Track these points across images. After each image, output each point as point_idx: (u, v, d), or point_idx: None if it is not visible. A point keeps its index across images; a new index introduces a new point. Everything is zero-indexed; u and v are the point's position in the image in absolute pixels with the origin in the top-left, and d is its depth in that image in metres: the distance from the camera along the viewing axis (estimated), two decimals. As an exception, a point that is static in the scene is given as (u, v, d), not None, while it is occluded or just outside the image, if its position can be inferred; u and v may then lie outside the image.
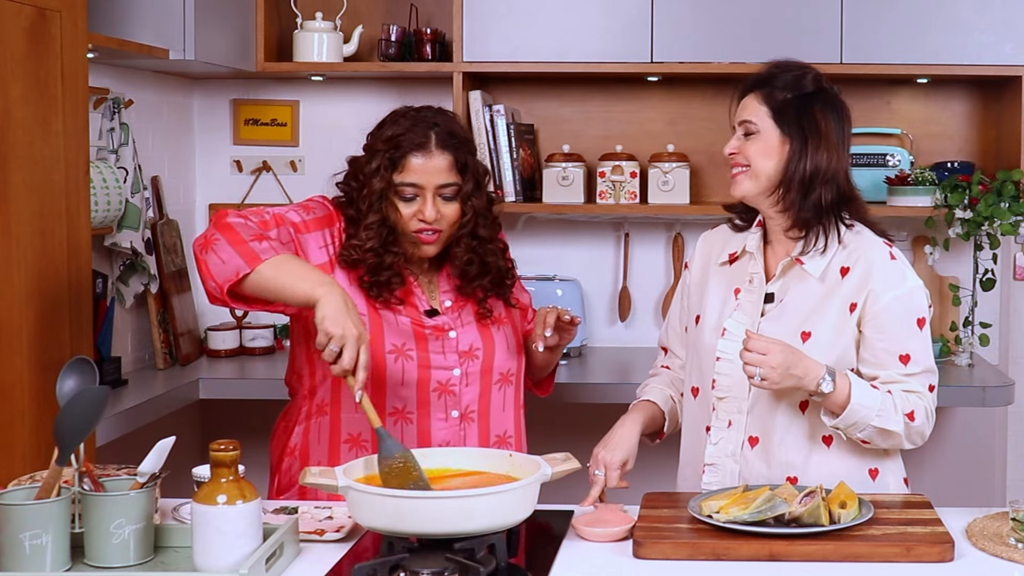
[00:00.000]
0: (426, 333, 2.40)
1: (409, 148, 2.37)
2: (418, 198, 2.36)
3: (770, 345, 2.16)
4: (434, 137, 2.38)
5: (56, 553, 1.85)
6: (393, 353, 2.37)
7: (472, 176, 2.41)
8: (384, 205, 2.37)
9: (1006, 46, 3.74)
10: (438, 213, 2.37)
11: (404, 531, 1.88)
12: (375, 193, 2.37)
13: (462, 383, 2.42)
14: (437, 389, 2.40)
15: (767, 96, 2.32)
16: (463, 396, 2.42)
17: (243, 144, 4.27)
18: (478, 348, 2.43)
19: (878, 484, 2.33)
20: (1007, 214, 3.71)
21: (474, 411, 2.44)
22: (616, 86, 4.14)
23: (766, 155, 2.30)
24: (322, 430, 2.42)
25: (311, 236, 2.38)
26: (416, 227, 2.37)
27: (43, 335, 2.63)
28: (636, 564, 1.96)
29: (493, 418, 2.47)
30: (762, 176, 2.30)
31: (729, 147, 2.34)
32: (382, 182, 2.37)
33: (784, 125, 2.29)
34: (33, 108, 2.60)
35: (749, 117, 2.32)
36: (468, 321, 2.45)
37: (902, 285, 2.29)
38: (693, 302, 2.47)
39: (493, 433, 2.46)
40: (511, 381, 2.49)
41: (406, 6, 4.11)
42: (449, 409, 2.41)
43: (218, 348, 4.04)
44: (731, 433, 2.33)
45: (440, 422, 2.40)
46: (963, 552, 1.99)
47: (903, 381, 2.27)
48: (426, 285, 2.46)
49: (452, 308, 2.45)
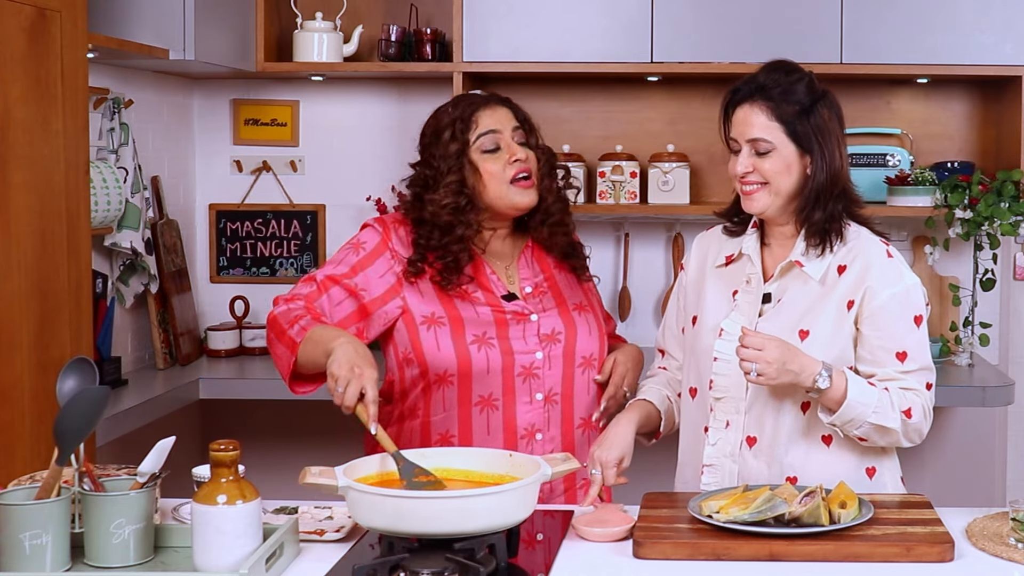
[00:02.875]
0: (507, 319, 2.43)
1: (475, 107, 2.46)
2: (500, 148, 2.43)
3: (766, 341, 2.17)
4: (492, 99, 2.50)
5: (56, 553, 1.85)
6: (475, 343, 2.39)
7: (533, 130, 2.51)
8: (463, 168, 2.42)
9: (1006, 46, 3.74)
10: (525, 154, 2.43)
11: (404, 531, 1.88)
12: (451, 156, 2.43)
13: (545, 366, 2.44)
14: (521, 373, 2.42)
15: (775, 111, 2.27)
16: (546, 379, 2.44)
17: (243, 144, 4.27)
18: (560, 332, 2.46)
19: (875, 483, 2.33)
20: (1007, 214, 3.71)
21: (557, 394, 2.45)
22: (616, 86, 4.14)
23: (786, 173, 2.28)
24: (413, 433, 2.45)
25: (370, 272, 2.42)
26: (510, 174, 2.42)
27: (43, 335, 2.63)
28: (636, 564, 1.96)
29: (577, 401, 2.48)
30: (782, 192, 2.29)
31: (741, 166, 2.28)
32: (457, 144, 2.43)
33: (799, 140, 2.27)
34: (33, 108, 2.60)
35: (761, 135, 2.27)
36: (550, 307, 2.48)
37: (899, 283, 2.29)
38: (690, 303, 2.47)
39: (577, 415, 2.48)
40: (593, 365, 2.50)
41: (406, 6, 4.11)
42: (534, 392, 2.43)
43: (218, 348, 4.04)
44: (729, 433, 2.33)
45: (525, 405, 2.42)
46: (963, 552, 1.99)
47: (900, 379, 2.27)
48: (503, 272, 2.49)
49: (533, 294, 2.48)
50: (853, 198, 2.35)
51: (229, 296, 4.19)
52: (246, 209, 4.28)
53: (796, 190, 2.29)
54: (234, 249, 4.29)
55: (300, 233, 4.29)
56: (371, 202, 4.16)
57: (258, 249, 4.29)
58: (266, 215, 4.28)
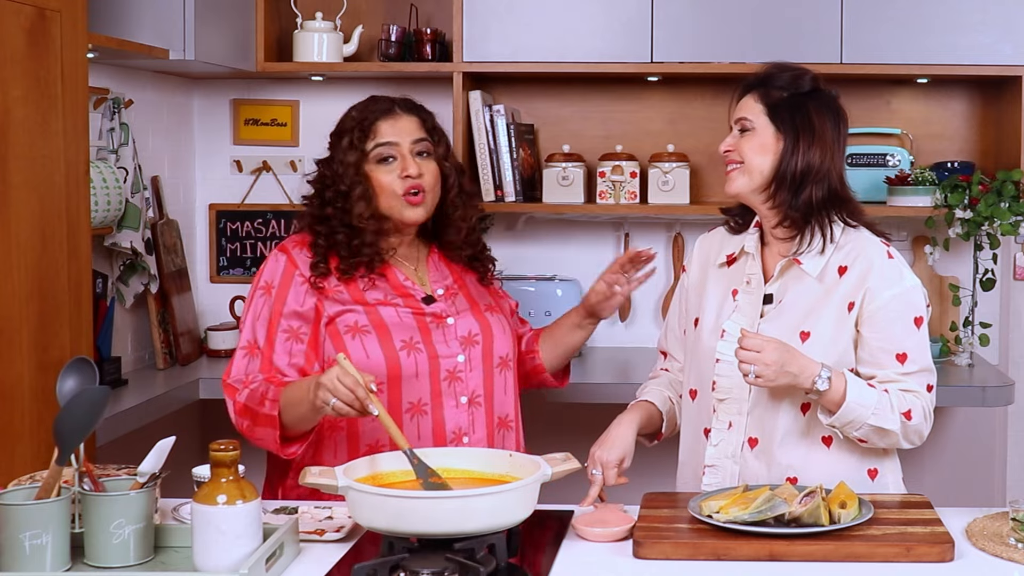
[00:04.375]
0: (427, 323, 2.43)
1: (376, 115, 2.45)
2: (396, 160, 2.42)
3: (765, 343, 2.17)
4: (397, 105, 2.48)
5: (56, 553, 1.85)
6: (404, 348, 2.40)
7: (442, 140, 2.50)
8: (361, 178, 2.42)
9: (1006, 46, 3.74)
10: (419, 169, 2.42)
11: (404, 531, 1.88)
12: (351, 166, 2.42)
13: (467, 369, 2.45)
14: (447, 377, 2.43)
15: (763, 95, 2.34)
16: (469, 381, 2.46)
17: (243, 144, 4.27)
18: (476, 334, 2.48)
19: (877, 484, 2.33)
20: (1007, 214, 3.71)
21: (480, 395, 2.47)
22: (616, 86, 4.14)
23: (760, 152, 2.31)
24: (339, 444, 2.44)
25: (290, 304, 2.40)
26: (401, 188, 2.41)
27: (43, 335, 2.63)
28: (636, 564, 1.96)
29: (496, 401, 2.50)
30: (755, 172, 2.31)
31: (724, 144, 2.36)
32: (355, 153, 2.43)
33: (778, 122, 2.31)
34: (33, 108, 2.60)
35: (745, 115, 2.34)
36: (463, 308, 2.50)
37: (900, 284, 2.29)
38: (691, 304, 2.47)
39: (496, 415, 2.50)
40: (509, 366, 2.53)
41: (406, 6, 4.11)
42: (458, 395, 2.44)
43: (218, 348, 4.03)
44: (731, 435, 2.33)
45: (452, 409, 2.43)
46: (963, 552, 1.99)
47: (900, 380, 2.27)
48: (413, 275, 2.49)
49: (445, 296, 2.49)
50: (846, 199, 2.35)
51: (229, 296, 4.19)
52: (246, 209, 4.28)
53: (770, 173, 2.31)
54: (234, 249, 4.29)
55: (300, 233, 4.28)
56: (371, 202, 4.16)
57: (258, 249, 4.29)
58: (266, 215, 4.28)
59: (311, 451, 2.43)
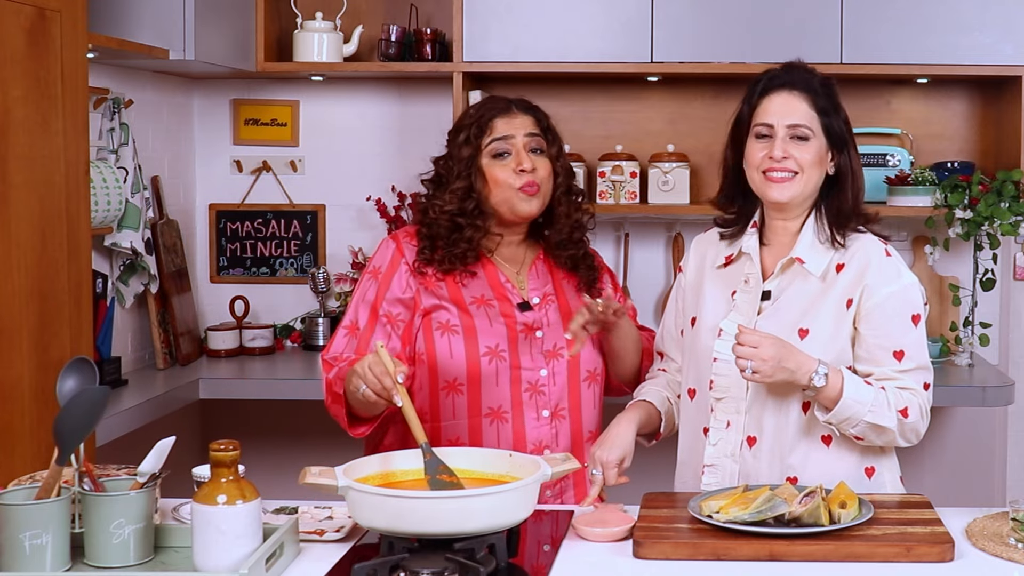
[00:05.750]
0: (518, 331, 2.44)
1: (494, 112, 2.48)
2: (510, 155, 2.44)
3: (761, 339, 2.17)
4: (514, 104, 2.51)
5: (56, 553, 1.85)
6: (487, 355, 2.41)
7: (556, 140, 2.53)
8: (472, 172, 2.44)
9: (1006, 46, 3.74)
10: (533, 164, 2.43)
11: (404, 531, 1.88)
12: (463, 160, 2.45)
13: (550, 383, 2.45)
14: (528, 389, 2.43)
15: (815, 102, 2.30)
16: (552, 395, 2.45)
17: (243, 144, 4.27)
18: (562, 347, 2.47)
19: (875, 483, 2.33)
20: (1007, 214, 3.71)
21: (564, 408, 2.46)
22: (616, 86, 4.14)
23: (819, 164, 2.30)
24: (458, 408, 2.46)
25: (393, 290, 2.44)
26: (517, 182, 2.42)
27: (43, 335, 2.63)
28: (636, 564, 1.96)
29: (585, 415, 2.49)
30: (811, 184, 2.30)
31: (779, 150, 2.27)
32: (470, 148, 2.45)
33: (831, 133, 2.31)
34: (33, 108, 2.60)
35: (803, 122, 2.29)
36: (555, 320, 2.49)
37: (897, 281, 2.29)
38: (688, 304, 2.47)
39: (586, 429, 2.49)
40: (597, 379, 2.52)
41: (406, 6, 4.11)
42: (540, 409, 2.44)
43: (218, 348, 4.04)
44: (729, 434, 2.33)
45: (532, 421, 2.44)
46: (963, 552, 1.99)
47: (897, 378, 2.27)
48: (514, 277, 2.50)
49: (540, 304, 2.49)
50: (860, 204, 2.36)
51: (229, 296, 4.19)
52: (246, 209, 4.28)
53: (818, 185, 2.31)
54: (234, 249, 4.29)
55: (300, 233, 4.29)
56: (371, 202, 4.16)
57: (258, 249, 4.29)
58: (266, 215, 4.28)
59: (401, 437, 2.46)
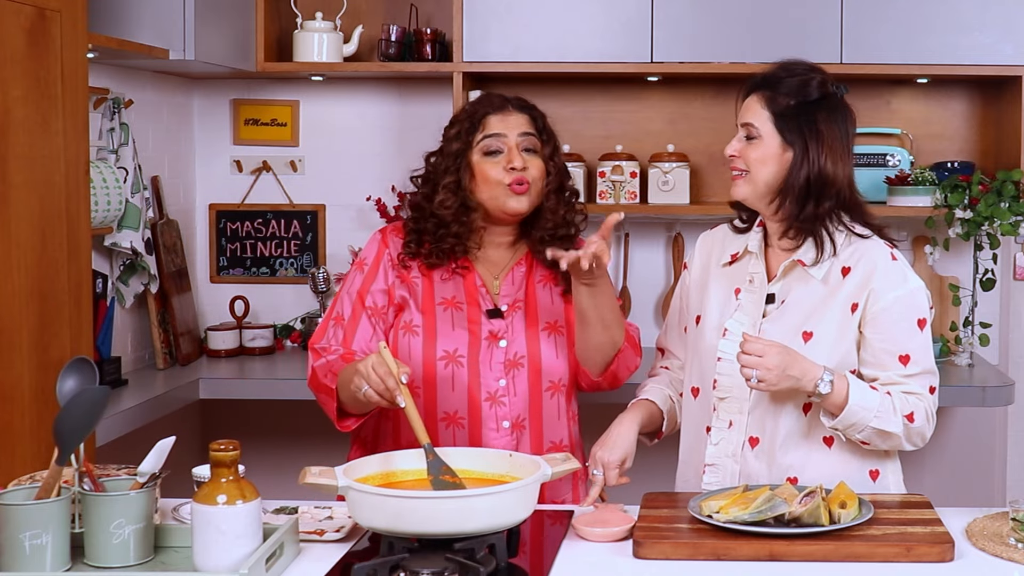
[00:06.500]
0: (481, 339, 2.43)
1: (488, 109, 2.47)
2: (502, 153, 2.43)
3: (767, 347, 2.16)
4: (510, 102, 2.50)
5: (56, 553, 1.85)
6: (444, 359, 2.41)
7: (551, 140, 2.51)
8: (461, 167, 2.44)
9: (1006, 46, 3.74)
10: (524, 163, 2.42)
11: (404, 531, 1.88)
12: (452, 155, 2.45)
13: (510, 393, 2.43)
14: (488, 399, 2.42)
15: (770, 100, 2.29)
16: (512, 406, 2.43)
17: (243, 144, 4.27)
18: (522, 356, 2.44)
19: (879, 485, 2.32)
20: (1007, 214, 3.71)
21: (525, 419, 2.44)
22: (616, 86, 4.13)
23: (765, 162, 2.29)
24: (386, 435, 2.46)
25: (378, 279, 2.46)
26: (507, 179, 2.41)
27: (43, 335, 2.63)
28: (636, 564, 1.96)
29: (547, 426, 2.46)
30: (760, 182, 2.29)
31: (730, 148, 2.33)
32: (460, 143, 2.45)
33: (786, 132, 2.28)
34: (33, 108, 2.60)
35: (751, 120, 2.30)
36: (519, 329, 2.46)
37: (903, 286, 2.28)
38: (693, 302, 2.46)
39: (547, 440, 2.46)
40: (561, 390, 2.48)
41: (406, 6, 4.11)
42: (500, 420, 2.42)
43: (218, 348, 4.04)
44: (732, 433, 2.33)
45: (492, 432, 2.42)
46: (963, 552, 1.99)
47: (903, 382, 2.26)
48: (490, 282, 2.48)
49: (508, 311, 2.46)
50: (855, 204, 2.33)
51: (229, 296, 4.19)
52: (246, 209, 4.28)
53: (776, 184, 2.29)
54: (234, 249, 4.29)
55: (300, 233, 4.28)
56: (371, 202, 4.16)
57: (258, 249, 4.29)
58: (266, 215, 4.28)
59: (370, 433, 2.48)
